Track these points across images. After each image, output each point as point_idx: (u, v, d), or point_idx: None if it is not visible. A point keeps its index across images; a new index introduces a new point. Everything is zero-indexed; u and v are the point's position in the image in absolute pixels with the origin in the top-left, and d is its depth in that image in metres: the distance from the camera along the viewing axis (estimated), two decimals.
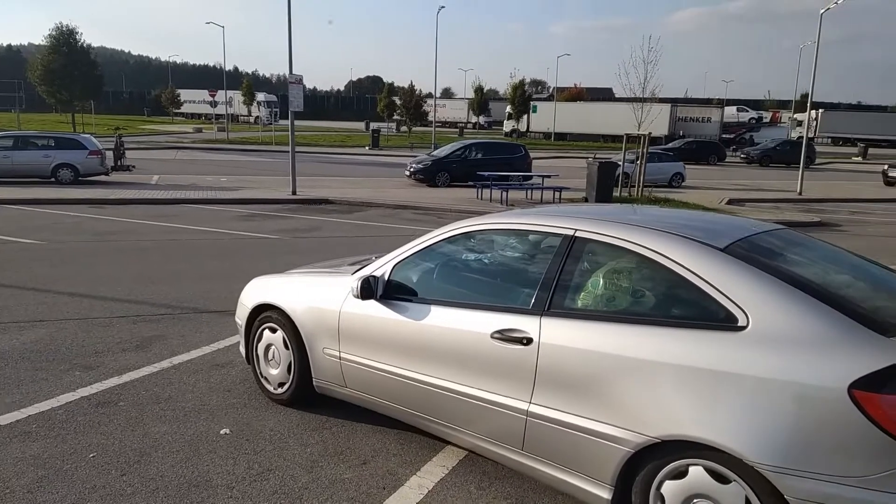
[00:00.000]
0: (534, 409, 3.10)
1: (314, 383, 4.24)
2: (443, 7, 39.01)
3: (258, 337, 4.55)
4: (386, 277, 3.85)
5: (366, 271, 3.97)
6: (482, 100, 69.61)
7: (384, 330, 3.74)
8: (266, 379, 4.52)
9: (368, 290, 3.76)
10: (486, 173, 17.88)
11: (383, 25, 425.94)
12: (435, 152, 23.63)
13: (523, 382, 3.13)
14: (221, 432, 4.01)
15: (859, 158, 45.54)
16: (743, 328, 2.62)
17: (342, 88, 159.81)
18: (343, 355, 3.99)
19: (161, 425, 4.08)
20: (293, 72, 16.49)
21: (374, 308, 3.80)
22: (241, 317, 4.72)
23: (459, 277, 3.80)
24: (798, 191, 21.68)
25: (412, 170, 21.66)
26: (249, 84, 69.28)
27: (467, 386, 3.36)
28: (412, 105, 58.01)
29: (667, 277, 2.90)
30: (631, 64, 18.92)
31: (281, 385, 4.42)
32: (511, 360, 3.17)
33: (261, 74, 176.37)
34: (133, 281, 7.80)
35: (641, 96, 18.91)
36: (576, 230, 3.25)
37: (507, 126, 60.96)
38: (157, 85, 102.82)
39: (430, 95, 61.60)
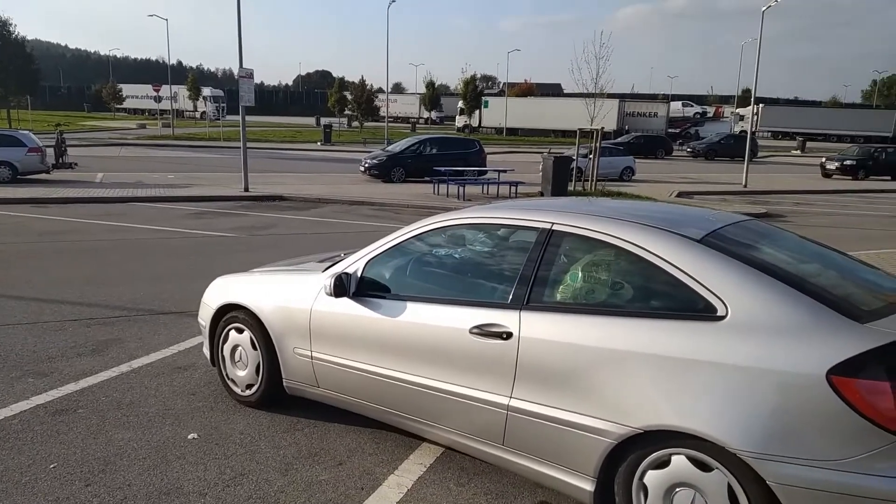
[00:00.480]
0: (515, 403, 3.09)
1: (284, 384, 4.15)
2: (393, 1, 38.73)
3: (224, 338, 4.42)
4: (359, 274, 3.78)
5: (338, 268, 3.89)
6: (434, 95, 69.49)
7: (359, 328, 3.68)
8: (233, 381, 4.40)
9: (342, 287, 3.69)
10: (443, 168, 17.87)
11: (333, 19, 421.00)
12: (389, 148, 23.49)
13: (504, 377, 3.12)
14: (189, 437, 3.88)
15: (798, 152, 47.31)
16: (722, 318, 2.66)
17: (290, 83, 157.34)
18: (315, 355, 3.91)
19: (124, 432, 3.92)
20: (244, 66, 16.12)
21: (347, 306, 3.73)
22: (205, 317, 4.57)
23: (435, 273, 3.76)
24: (743, 183, 22.37)
25: (367, 165, 21.49)
26: (195, 79, 67.51)
27: (446, 382, 3.33)
28: (364, 100, 57.49)
29: (645, 269, 2.93)
30: (583, 59, 19.20)
31: (249, 387, 4.31)
32: (491, 354, 3.15)
33: (206, 69, 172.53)
34: (83, 283, 7.49)
35: (594, 91, 19.17)
36: (552, 224, 3.24)
37: (460, 121, 61.03)
38: (97, 80, 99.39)
39: (381, 90, 61.26)
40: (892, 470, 2.33)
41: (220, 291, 4.49)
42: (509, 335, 3.09)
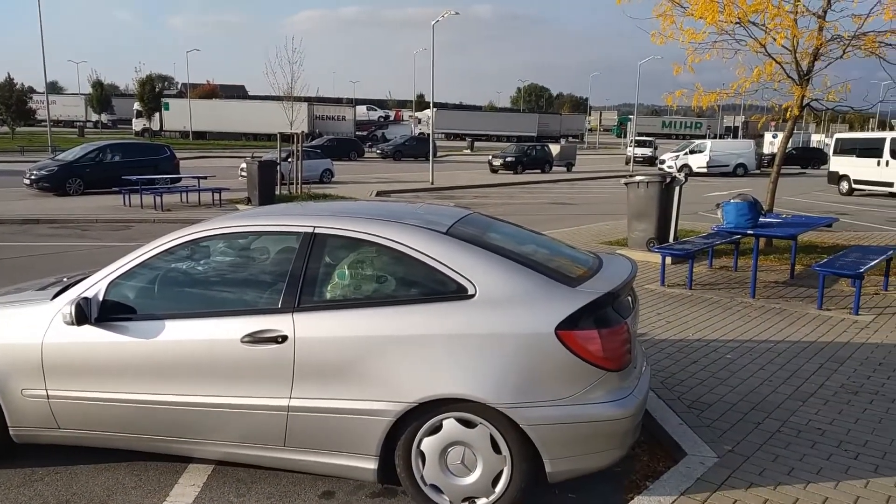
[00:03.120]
0: (295, 402, 3.22)
1: (11, 433, 3.63)
2: None
3: None
4: (100, 297, 3.49)
5: (74, 292, 3.53)
6: (103, 95, 62.33)
7: (109, 355, 3.41)
8: None
9: (83, 314, 3.38)
10: (133, 177, 16.36)
11: None
12: (61, 156, 20.60)
13: (281, 380, 3.23)
14: None
15: (469, 151, 53.39)
16: (472, 296, 3.16)
17: None
18: (52, 393, 3.51)
19: None
20: None
21: (91, 333, 3.42)
22: None
23: (194, 287, 3.65)
24: (430, 181, 24.62)
25: (34, 177, 18.58)
26: None
27: (219, 395, 3.31)
28: (13, 102, 48.97)
29: (404, 261, 3.30)
30: (277, 64, 19.24)
31: None
32: (266, 360, 3.23)
33: None
34: None
35: (290, 95, 19.34)
36: (314, 227, 3.43)
37: (138, 125, 55.86)
38: None
39: (33, 90, 52.93)
40: (602, 397, 3.08)
41: None
42: (284, 338, 3.21)
